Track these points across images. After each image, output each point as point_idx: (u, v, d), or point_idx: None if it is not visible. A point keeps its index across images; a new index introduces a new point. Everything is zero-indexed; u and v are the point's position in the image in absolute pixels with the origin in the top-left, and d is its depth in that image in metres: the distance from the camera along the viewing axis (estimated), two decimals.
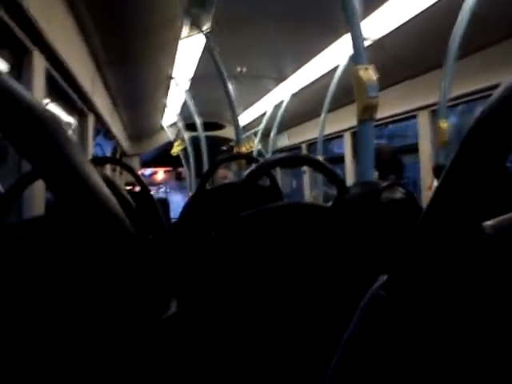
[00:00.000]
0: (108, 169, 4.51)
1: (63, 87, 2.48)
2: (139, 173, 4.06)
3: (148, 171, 11.28)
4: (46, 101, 2.30)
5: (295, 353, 1.06)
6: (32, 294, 0.30)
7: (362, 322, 0.42)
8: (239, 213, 1.12)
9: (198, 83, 4.60)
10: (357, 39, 1.51)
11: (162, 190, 11.38)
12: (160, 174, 11.75)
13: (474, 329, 0.35)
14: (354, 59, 1.53)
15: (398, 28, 2.95)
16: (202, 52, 3.59)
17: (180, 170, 10.73)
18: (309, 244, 1.13)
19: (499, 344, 0.33)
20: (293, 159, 1.65)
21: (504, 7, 2.37)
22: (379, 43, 3.11)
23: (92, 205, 0.29)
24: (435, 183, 2.82)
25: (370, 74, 1.51)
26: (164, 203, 6.15)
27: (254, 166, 1.26)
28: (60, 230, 1.07)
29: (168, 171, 11.70)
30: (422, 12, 2.67)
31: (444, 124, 2.78)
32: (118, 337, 0.31)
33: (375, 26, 2.98)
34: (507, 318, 0.33)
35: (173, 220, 5.24)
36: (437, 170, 2.81)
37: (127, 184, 5.58)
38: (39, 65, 1.87)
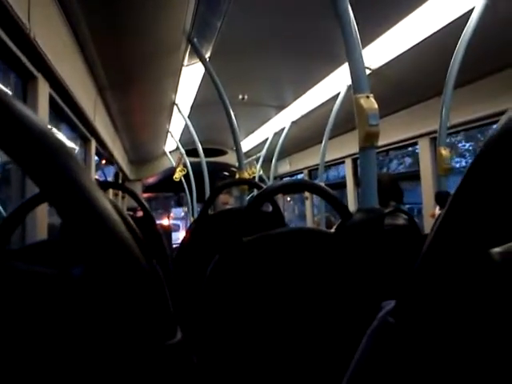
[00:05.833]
0: (110, 193, 4.51)
1: (66, 112, 2.51)
2: None
3: None
4: (49, 126, 2.32)
5: (300, 379, 1.04)
6: (35, 319, 0.29)
7: (370, 348, 0.41)
8: (242, 238, 1.12)
9: (199, 109, 4.64)
10: (357, 68, 1.53)
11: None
12: None
13: (484, 355, 0.34)
14: (355, 88, 1.54)
15: (397, 57, 3.00)
16: (204, 79, 3.64)
17: (182, 195, 10.67)
18: (312, 269, 1.12)
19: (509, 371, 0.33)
20: (296, 185, 1.64)
21: (500, 39, 2.42)
22: (379, 72, 3.16)
23: (101, 230, 0.29)
24: (437, 210, 2.81)
25: (371, 102, 1.52)
26: (165, 228, 6.11)
27: (256, 191, 1.27)
28: (63, 254, 1.06)
29: None
30: (421, 41, 2.72)
31: (444, 151, 2.79)
32: (122, 364, 0.30)
33: (375, 56, 3.03)
34: None
35: (174, 245, 5.21)
36: (439, 197, 2.80)
37: (129, 209, 5.58)
38: (43, 90, 1.90)
